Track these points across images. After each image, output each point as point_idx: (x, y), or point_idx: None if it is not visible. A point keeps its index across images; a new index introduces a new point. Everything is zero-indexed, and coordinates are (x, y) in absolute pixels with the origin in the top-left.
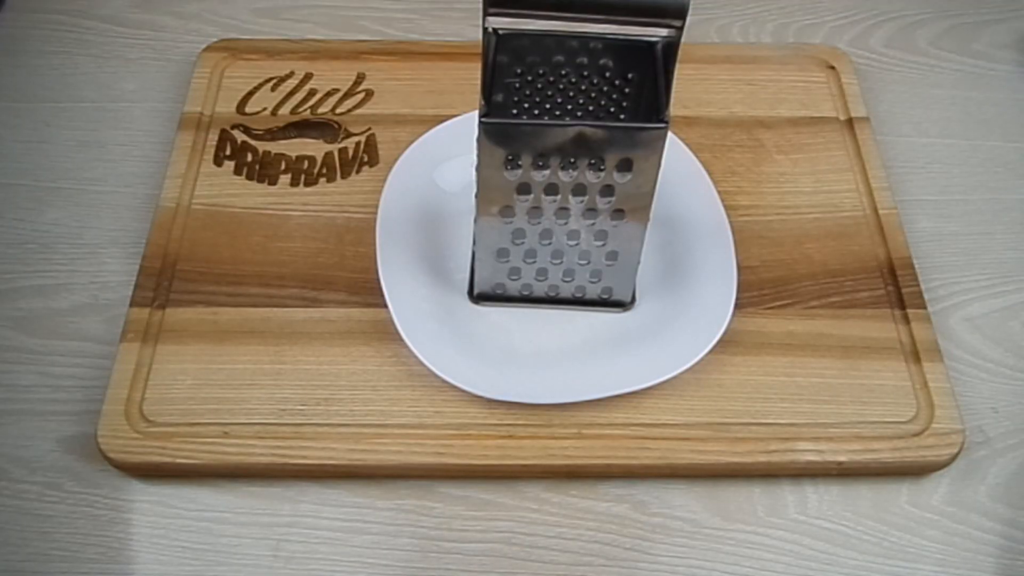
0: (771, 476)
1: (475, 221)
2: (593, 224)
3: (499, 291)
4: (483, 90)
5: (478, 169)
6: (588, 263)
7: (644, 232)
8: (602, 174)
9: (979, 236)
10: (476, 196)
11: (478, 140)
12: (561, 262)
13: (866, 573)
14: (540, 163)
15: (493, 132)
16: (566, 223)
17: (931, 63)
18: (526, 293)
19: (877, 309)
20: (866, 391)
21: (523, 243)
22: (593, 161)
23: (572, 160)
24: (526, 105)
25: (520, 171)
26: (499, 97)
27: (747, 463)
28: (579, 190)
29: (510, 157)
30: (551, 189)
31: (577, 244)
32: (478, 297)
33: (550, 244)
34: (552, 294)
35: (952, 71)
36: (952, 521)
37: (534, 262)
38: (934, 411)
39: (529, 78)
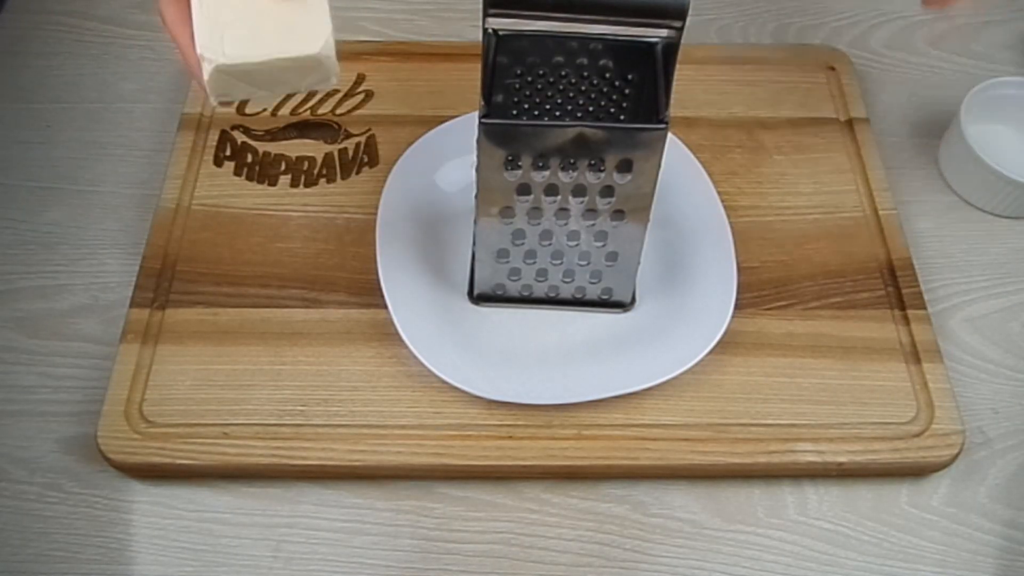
0: (771, 477)
1: (475, 222)
2: (593, 225)
3: (499, 292)
4: (483, 91)
5: (478, 170)
6: (588, 264)
7: (644, 233)
8: (602, 175)
9: (979, 236)
10: (476, 197)
11: (478, 141)
12: (561, 263)
13: (866, 574)
14: (540, 164)
15: (493, 133)
16: (566, 224)
17: (931, 64)
18: (526, 294)
19: (877, 310)
20: (866, 392)
21: (523, 244)
22: (593, 162)
23: (572, 161)
24: (526, 106)
25: (520, 172)
26: (499, 98)
27: (747, 464)
28: (579, 191)
29: (510, 158)
30: (551, 190)
31: (577, 245)
32: (478, 298)
33: (550, 245)
34: (552, 295)
35: (952, 71)
36: (952, 522)
37: (534, 263)
38: (934, 412)
39: (529, 79)
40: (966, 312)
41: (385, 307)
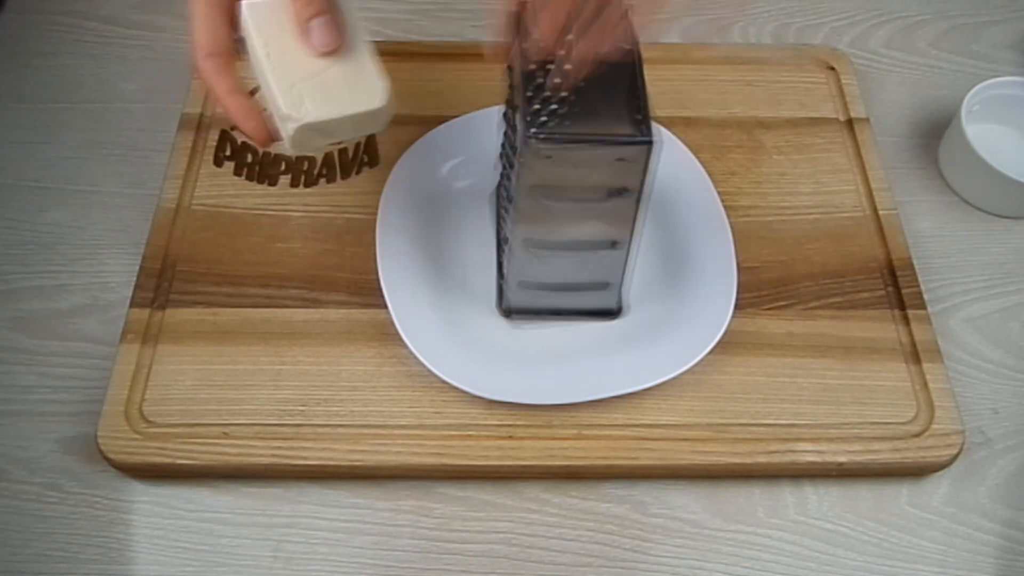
0: (771, 477)
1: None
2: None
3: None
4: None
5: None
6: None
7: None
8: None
9: (979, 236)
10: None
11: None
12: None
13: (866, 574)
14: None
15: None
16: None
17: (931, 63)
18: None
19: (877, 310)
20: (866, 392)
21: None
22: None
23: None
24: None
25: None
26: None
27: (747, 464)
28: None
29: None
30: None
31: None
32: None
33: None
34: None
35: (952, 71)
36: (952, 522)
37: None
38: (934, 412)
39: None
40: (966, 312)
41: (385, 307)
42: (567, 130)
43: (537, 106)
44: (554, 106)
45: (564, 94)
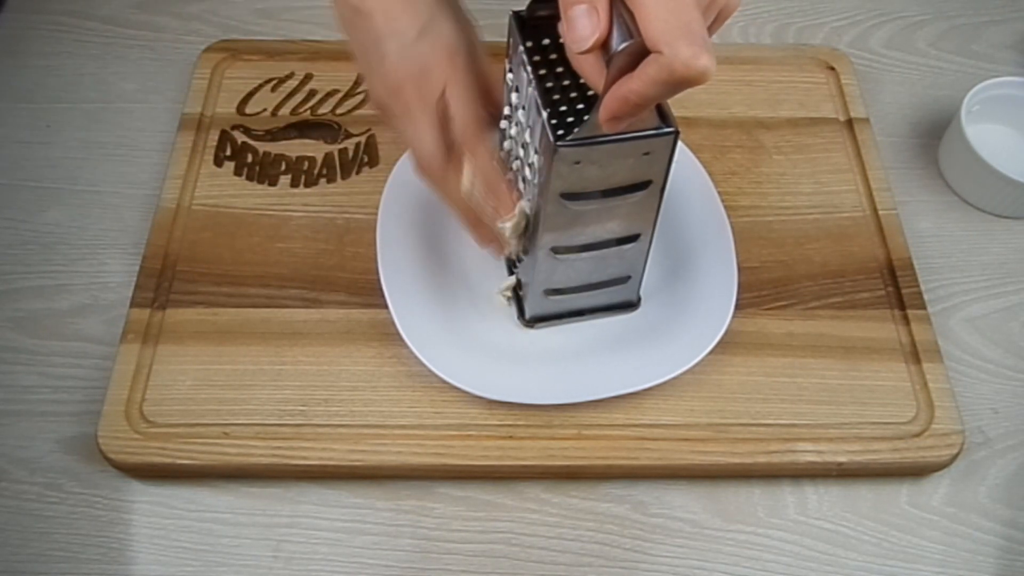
0: (771, 477)
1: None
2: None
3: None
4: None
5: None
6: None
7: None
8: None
9: (979, 236)
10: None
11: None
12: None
13: (866, 574)
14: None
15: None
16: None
17: (931, 64)
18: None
19: (877, 310)
20: (866, 392)
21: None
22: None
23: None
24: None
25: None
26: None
27: (747, 464)
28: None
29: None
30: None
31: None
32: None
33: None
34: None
35: (952, 72)
36: (952, 521)
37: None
38: (934, 412)
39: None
40: (966, 312)
41: (385, 307)
42: (591, 132)
43: (548, 110)
44: (564, 108)
45: (574, 95)
